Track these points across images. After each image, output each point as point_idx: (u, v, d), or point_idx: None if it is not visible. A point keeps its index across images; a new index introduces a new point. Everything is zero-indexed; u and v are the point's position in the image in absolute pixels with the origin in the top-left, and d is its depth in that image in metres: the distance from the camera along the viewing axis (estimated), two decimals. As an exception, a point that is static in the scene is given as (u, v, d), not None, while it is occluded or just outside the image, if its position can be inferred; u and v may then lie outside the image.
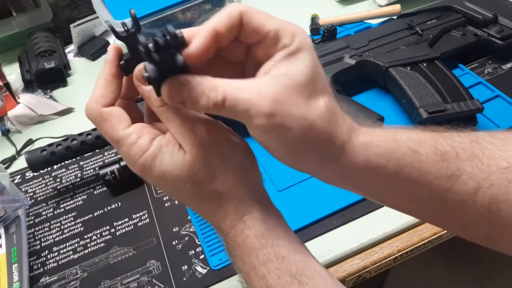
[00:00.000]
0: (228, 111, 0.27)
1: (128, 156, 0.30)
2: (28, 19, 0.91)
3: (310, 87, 0.27)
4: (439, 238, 0.53)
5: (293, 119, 0.26)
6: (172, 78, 0.27)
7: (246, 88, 0.26)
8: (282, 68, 0.27)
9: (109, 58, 0.31)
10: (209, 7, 0.78)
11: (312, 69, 0.27)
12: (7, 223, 0.55)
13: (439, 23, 0.72)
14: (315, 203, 0.54)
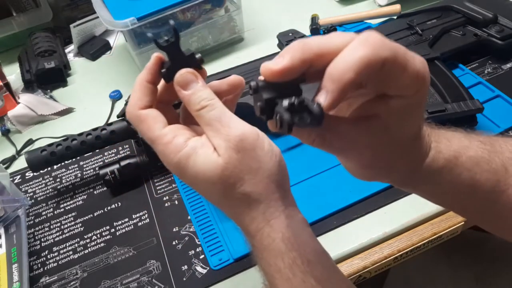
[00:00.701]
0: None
1: (164, 155, 0.31)
2: (28, 19, 0.91)
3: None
4: (439, 238, 0.53)
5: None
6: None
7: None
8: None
9: (148, 65, 0.33)
10: (209, 7, 0.78)
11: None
12: (7, 223, 0.55)
13: (439, 23, 0.72)
14: (315, 203, 0.54)
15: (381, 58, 0.24)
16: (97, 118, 0.72)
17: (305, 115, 0.25)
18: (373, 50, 0.24)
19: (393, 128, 0.28)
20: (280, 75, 0.26)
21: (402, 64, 0.25)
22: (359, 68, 0.24)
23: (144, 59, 0.78)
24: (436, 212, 0.53)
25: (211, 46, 0.83)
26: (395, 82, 0.26)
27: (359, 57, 0.24)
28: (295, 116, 0.25)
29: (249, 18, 0.88)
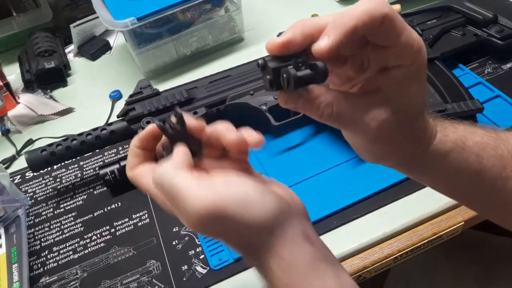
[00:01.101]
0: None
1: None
2: (28, 19, 0.91)
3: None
4: (439, 238, 0.53)
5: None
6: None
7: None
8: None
9: (141, 135, 0.36)
10: (209, 7, 0.78)
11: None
12: (7, 223, 0.55)
13: (439, 23, 0.72)
14: (315, 203, 0.54)
15: (382, 12, 0.26)
16: (97, 118, 0.72)
17: (310, 72, 0.27)
18: (375, 5, 0.26)
19: (395, 99, 0.30)
20: (283, 47, 0.28)
21: (400, 26, 0.27)
22: (361, 17, 0.26)
23: (144, 59, 0.78)
24: (436, 212, 0.53)
25: (211, 46, 0.83)
26: (392, 44, 0.27)
27: (362, 9, 0.26)
28: (300, 72, 0.27)
29: (249, 18, 0.89)
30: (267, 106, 0.61)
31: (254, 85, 0.63)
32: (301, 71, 0.27)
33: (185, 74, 0.80)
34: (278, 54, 0.28)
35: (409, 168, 0.35)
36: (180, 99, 0.61)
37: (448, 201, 0.53)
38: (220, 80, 0.65)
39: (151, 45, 0.76)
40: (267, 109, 0.61)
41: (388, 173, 0.56)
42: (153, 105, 0.61)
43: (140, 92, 0.63)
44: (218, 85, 0.64)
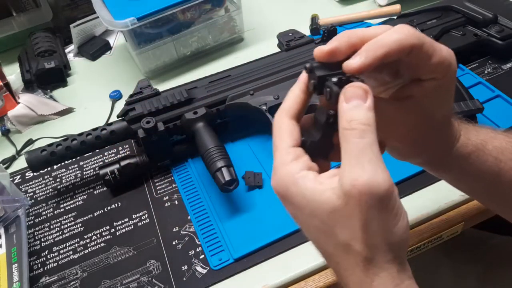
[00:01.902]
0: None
1: (275, 170, 0.30)
2: (28, 19, 0.91)
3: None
4: (439, 238, 0.53)
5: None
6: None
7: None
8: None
9: (300, 79, 0.32)
10: (209, 7, 0.78)
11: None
12: (7, 223, 0.55)
13: (439, 23, 0.72)
14: (315, 203, 0.54)
15: (409, 43, 0.29)
16: (97, 118, 0.72)
17: None
18: (405, 36, 0.29)
19: (426, 106, 0.32)
20: (329, 55, 0.30)
21: (429, 50, 0.30)
22: (391, 47, 0.29)
23: (144, 59, 0.78)
24: (436, 212, 0.53)
25: (211, 46, 0.83)
26: (424, 65, 0.30)
27: (392, 39, 0.29)
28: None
29: (249, 18, 0.89)
30: (267, 106, 0.61)
31: (254, 85, 0.63)
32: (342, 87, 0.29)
33: (185, 74, 0.80)
34: (324, 61, 0.30)
35: (434, 167, 0.38)
36: (180, 99, 0.61)
37: (448, 201, 0.53)
38: (220, 80, 0.65)
39: (151, 45, 0.77)
40: (267, 109, 0.60)
41: (388, 173, 0.56)
42: (153, 105, 0.61)
43: (140, 92, 0.63)
44: (218, 85, 0.64)
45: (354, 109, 0.27)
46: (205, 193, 0.58)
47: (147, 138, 0.58)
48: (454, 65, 0.31)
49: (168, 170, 0.63)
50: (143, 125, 0.57)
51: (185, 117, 0.60)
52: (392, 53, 0.29)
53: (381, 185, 0.25)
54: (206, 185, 0.59)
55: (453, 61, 0.31)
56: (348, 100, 0.28)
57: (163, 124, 0.59)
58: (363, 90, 0.28)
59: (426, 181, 0.56)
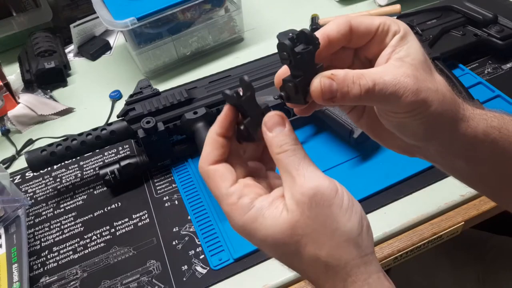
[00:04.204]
0: (377, 96, 0.28)
1: (229, 216, 0.30)
2: (28, 19, 0.91)
3: (427, 64, 0.30)
4: (439, 238, 0.53)
5: (432, 93, 0.28)
6: (321, 75, 0.29)
7: (387, 72, 0.28)
8: (401, 51, 0.29)
9: (219, 118, 0.31)
10: (209, 7, 0.78)
11: (422, 48, 0.30)
12: (7, 223, 0.55)
13: (439, 23, 0.72)
14: (315, 203, 0.54)
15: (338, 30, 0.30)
16: (97, 118, 0.72)
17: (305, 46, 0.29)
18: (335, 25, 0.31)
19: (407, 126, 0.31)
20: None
21: (356, 25, 0.30)
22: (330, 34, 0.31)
23: (144, 59, 0.78)
24: (436, 212, 0.53)
25: (211, 46, 0.83)
26: (362, 40, 0.31)
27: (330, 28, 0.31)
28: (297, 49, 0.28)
29: (249, 18, 0.89)
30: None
31: (254, 85, 0.63)
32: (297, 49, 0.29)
33: (185, 74, 0.80)
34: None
35: (442, 155, 0.33)
36: (180, 99, 0.61)
37: (448, 201, 0.53)
38: (220, 80, 0.65)
39: (151, 45, 0.76)
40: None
41: (387, 173, 0.56)
42: (153, 105, 0.61)
43: (140, 92, 0.63)
44: (218, 85, 0.64)
45: (279, 135, 0.29)
46: (205, 193, 0.58)
47: (147, 138, 0.58)
48: (393, 29, 0.30)
49: (168, 170, 0.63)
50: (143, 125, 0.57)
51: (185, 117, 0.60)
52: (334, 31, 0.30)
53: (325, 186, 0.27)
54: (206, 185, 0.59)
55: (387, 24, 0.30)
56: (271, 130, 0.29)
57: (163, 124, 0.59)
58: (280, 117, 0.29)
59: (426, 181, 0.56)
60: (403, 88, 0.27)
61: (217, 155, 0.31)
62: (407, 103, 0.28)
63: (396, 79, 0.28)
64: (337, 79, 0.28)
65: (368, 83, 0.27)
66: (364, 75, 0.28)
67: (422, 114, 0.29)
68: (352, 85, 0.28)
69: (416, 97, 0.28)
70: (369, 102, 0.29)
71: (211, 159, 0.31)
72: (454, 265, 0.78)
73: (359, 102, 0.29)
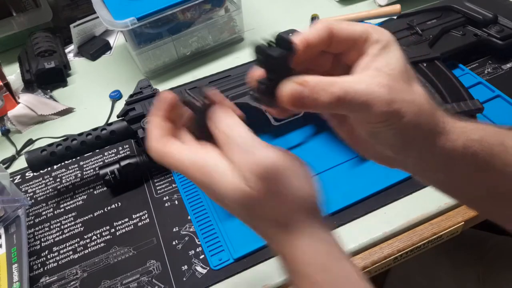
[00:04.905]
0: (349, 105, 0.27)
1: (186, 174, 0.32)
2: (28, 19, 0.91)
3: (407, 74, 0.29)
4: (439, 238, 0.53)
5: (407, 105, 0.28)
6: (292, 80, 0.28)
7: (361, 81, 0.28)
8: (381, 60, 0.29)
9: (157, 104, 0.33)
10: (209, 7, 0.78)
11: (404, 57, 0.30)
12: (7, 223, 0.55)
13: (439, 23, 0.72)
14: (315, 203, 0.54)
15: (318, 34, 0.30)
16: (97, 118, 0.72)
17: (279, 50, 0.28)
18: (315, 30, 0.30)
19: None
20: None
21: (337, 30, 0.30)
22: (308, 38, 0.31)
23: (144, 59, 0.78)
24: (436, 212, 0.53)
25: (211, 46, 0.83)
26: (341, 45, 0.31)
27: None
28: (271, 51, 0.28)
29: (249, 18, 0.89)
30: (267, 106, 0.61)
31: (254, 85, 0.63)
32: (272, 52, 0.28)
33: (185, 74, 0.80)
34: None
35: (421, 167, 0.33)
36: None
37: (448, 201, 0.53)
38: (220, 80, 0.65)
39: (151, 45, 0.77)
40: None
41: (388, 173, 0.56)
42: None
43: (140, 92, 0.63)
44: (218, 85, 0.64)
45: (226, 119, 0.31)
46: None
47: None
48: (371, 37, 0.30)
49: (168, 170, 0.63)
50: (143, 125, 0.57)
51: (185, 117, 0.60)
52: (313, 36, 0.30)
53: (270, 156, 0.29)
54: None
55: (381, 28, 0.30)
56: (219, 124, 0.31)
57: (163, 124, 0.59)
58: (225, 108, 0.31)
59: (426, 181, 0.56)
60: (376, 98, 0.27)
61: (160, 133, 0.33)
62: (379, 113, 0.28)
63: (369, 89, 0.27)
64: (308, 86, 0.28)
65: (339, 91, 0.27)
66: (337, 83, 0.27)
67: (395, 125, 0.28)
68: (323, 93, 0.27)
69: (388, 108, 0.27)
70: (340, 111, 0.28)
71: (156, 137, 0.33)
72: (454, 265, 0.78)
73: (330, 110, 0.28)
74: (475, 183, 0.32)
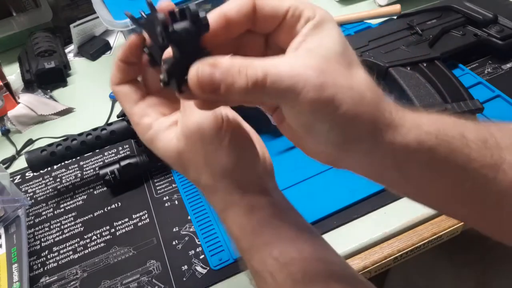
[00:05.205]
0: (270, 90, 0.23)
1: (136, 131, 0.34)
2: (28, 19, 0.91)
3: (346, 57, 0.25)
4: (439, 239, 0.53)
5: (343, 91, 0.23)
6: (201, 61, 0.24)
7: (285, 63, 0.23)
8: (313, 40, 0.25)
9: (123, 45, 0.33)
10: (209, 7, 0.78)
11: (342, 38, 0.26)
12: (7, 223, 0.55)
13: (439, 23, 0.72)
14: (315, 203, 0.54)
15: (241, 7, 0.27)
16: (97, 118, 0.72)
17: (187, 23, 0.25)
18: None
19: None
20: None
21: (262, 5, 0.27)
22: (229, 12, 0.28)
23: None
24: (436, 212, 0.53)
25: (211, 46, 0.83)
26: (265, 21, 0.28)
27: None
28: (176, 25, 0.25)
29: (249, 18, 0.88)
30: (267, 106, 0.61)
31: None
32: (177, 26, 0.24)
33: (185, 74, 0.80)
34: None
35: (368, 169, 0.29)
36: (180, 99, 0.61)
37: (448, 201, 0.53)
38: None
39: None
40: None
41: (388, 173, 0.56)
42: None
43: (140, 92, 0.63)
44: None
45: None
46: (205, 193, 0.58)
47: (147, 138, 0.58)
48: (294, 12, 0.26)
49: (168, 170, 0.63)
50: (143, 125, 0.57)
51: (185, 117, 0.60)
52: (234, 10, 0.26)
53: (207, 123, 0.30)
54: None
55: (315, 5, 0.26)
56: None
57: (163, 124, 0.59)
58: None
59: (426, 181, 0.56)
60: (302, 81, 0.22)
61: (119, 77, 0.34)
62: (308, 101, 0.23)
63: (293, 71, 0.23)
64: (220, 67, 0.23)
65: (257, 73, 0.23)
66: (255, 64, 0.23)
67: (330, 116, 0.24)
68: (238, 75, 0.23)
69: (320, 94, 0.23)
70: (261, 98, 0.24)
71: (115, 80, 0.35)
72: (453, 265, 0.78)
73: (249, 98, 0.24)
74: (435, 185, 0.27)
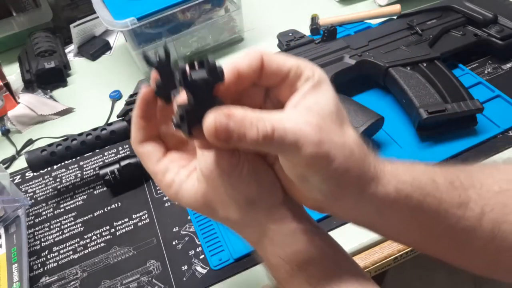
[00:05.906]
0: (276, 143, 0.25)
1: (161, 189, 0.34)
2: (28, 19, 0.91)
3: (339, 116, 0.27)
4: (439, 238, 0.52)
5: (336, 147, 0.26)
6: (217, 111, 0.25)
7: (289, 119, 0.26)
8: (311, 98, 0.27)
9: (137, 102, 0.33)
10: (209, 7, 0.78)
11: (336, 98, 0.28)
12: (7, 223, 0.55)
13: (439, 23, 0.72)
14: (315, 203, 0.54)
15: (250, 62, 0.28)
16: (97, 118, 0.72)
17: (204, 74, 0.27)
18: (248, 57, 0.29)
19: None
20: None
21: (269, 62, 0.29)
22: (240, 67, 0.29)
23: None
24: (436, 212, 0.53)
25: (211, 46, 0.83)
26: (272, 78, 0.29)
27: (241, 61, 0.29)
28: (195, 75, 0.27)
29: (249, 18, 0.89)
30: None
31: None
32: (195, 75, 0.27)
33: (185, 74, 0.80)
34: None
35: (352, 215, 0.32)
36: (180, 99, 0.61)
37: (448, 201, 0.53)
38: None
39: (151, 45, 0.77)
40: (267, 109, 0.60)
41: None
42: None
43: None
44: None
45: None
46: (205, 193, 0.58)
47: (147, 138, 0.58)
48: (299, 72, 0.28)
49: (168, 170, 0.63)
50: (143, 125, 0.57)
51: (185, 117, 0.60)
52: (245, 65, 0.28)
53: (223, 156, 0.29)
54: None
55: (315, 66, 0.28)
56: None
57: (163, 124, 0.59)
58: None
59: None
60: (304, 137, 0.25)
61: (140, 135, 0.34)
62: (308, 155, 0.25)
63: (296, 127, 0.25)
64: (234, 118, 0.25)
65: (266, 128, 0.25)
66: (264, 118, 0.25)
67: (324, 170, 0.26)
68: (250, 127, 0.25)
69: (318, 149, 0.25)
70: (268, 149, 0.26)
71: (137, 140, 0.34)
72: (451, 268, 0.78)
73: (258, 148, 0.26)
74: (413, 227, 0.30)
